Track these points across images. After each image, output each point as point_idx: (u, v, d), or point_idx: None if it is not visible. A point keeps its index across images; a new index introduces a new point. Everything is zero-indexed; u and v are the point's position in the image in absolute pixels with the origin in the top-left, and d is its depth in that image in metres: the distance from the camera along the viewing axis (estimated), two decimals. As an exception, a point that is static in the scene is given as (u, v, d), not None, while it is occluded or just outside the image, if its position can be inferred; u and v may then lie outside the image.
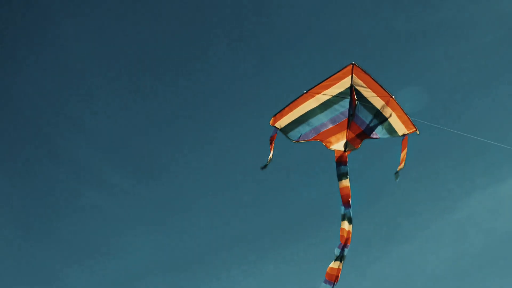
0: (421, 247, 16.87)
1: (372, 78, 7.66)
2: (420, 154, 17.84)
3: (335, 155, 7.98)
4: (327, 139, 8.05)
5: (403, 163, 7.78)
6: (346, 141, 7.91)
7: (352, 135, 7.97)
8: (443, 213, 17.15)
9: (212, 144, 18.66)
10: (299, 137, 8.07)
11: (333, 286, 7.47)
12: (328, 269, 7.52)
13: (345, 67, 7.64)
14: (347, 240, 7.59)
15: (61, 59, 18.50)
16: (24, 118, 18.66)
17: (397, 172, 7.79)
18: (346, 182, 7.78)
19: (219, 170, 18.39)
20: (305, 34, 18.39)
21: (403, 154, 7.83)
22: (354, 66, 7.61)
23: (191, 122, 19.04)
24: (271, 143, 7.87)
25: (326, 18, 18.09)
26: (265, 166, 7.79)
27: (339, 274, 7.50)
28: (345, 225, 7.64)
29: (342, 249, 7.57)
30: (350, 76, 7.66)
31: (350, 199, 7.73)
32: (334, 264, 7.52)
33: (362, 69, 7.62)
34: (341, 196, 7.76)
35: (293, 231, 17.54)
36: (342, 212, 7.70)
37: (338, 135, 8.01)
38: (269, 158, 7.79)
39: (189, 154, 18.81)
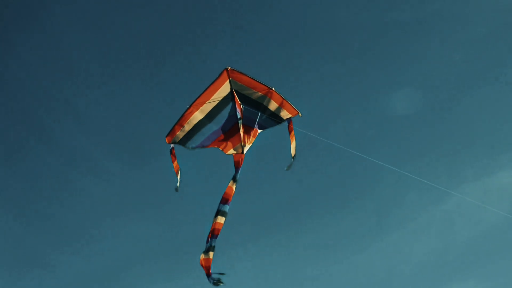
0: (408, 237, 17.17)
1: (249, 77, 7.82)
2: (409, 146, 18.12)
3: (234, 159, 7.94)
4: (223, 145, 8.08)
5: (294, 150, 8.21)
6: (241, 144, 7.90)
7: (246, 136, 8.00)
8: (431, 203, 17.44)
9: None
10: (196, 146, 8.16)
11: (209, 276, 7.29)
12: (202, 261, 7.37)
13: (220, 74, 7.73)
14: (216, 231, 7.49)
15: (55, 44, 18.42)
16: (17, 102, 18.63)
17: (290, 163, 8.24)
18: (232, 186, 7.71)
19: (213, 156, 18.41)
20: (300, 28, 18.45)
21: (293, 141, 8.23)
22: (229, 70, 7.72)
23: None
24: (173, 161, 8.07)
25: (325, 10, 18.12)
26: (176, 188, 8.03)
27: (210, 265, 7.34)
28: (219, 219, 7.55)
29: (211, 240, 7.46)
30: (228, 81, 7.76)
31: (230, 199, 7.69)
32: (207, 255, 7.38)
33: (237, 71, 7.74)
34: (224, 194, 7.69)
35: (286, 216, 17.86)
36: (219, 208, 7.60)
37: (233, 140, 8.02)
38: (178, 178, 8.04)
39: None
